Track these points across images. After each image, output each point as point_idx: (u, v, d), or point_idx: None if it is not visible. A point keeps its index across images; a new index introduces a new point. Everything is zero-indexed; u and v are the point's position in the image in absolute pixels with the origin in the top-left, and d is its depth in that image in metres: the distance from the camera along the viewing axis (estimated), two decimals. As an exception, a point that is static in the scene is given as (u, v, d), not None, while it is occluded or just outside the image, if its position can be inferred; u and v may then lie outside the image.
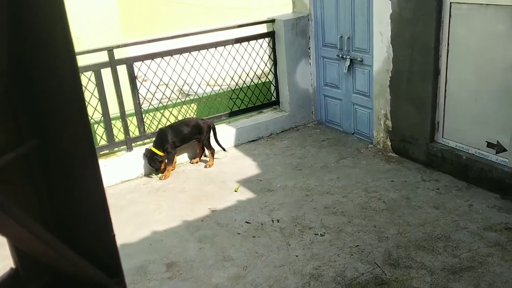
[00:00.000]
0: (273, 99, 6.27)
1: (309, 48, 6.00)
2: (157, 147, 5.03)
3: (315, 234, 3.87)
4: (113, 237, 0.64)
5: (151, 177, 5.17)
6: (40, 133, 0.56)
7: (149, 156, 5.05)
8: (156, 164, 5.05)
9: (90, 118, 5.05)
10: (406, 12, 4.55)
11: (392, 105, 5.00)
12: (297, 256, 3.61)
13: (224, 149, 5.45)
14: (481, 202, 4.09)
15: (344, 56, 5.51)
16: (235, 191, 4.69)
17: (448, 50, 4.32)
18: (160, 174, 5.14)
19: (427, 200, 4.22)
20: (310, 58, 6.04)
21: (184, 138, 5.18)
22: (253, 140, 5.86)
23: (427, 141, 4.73)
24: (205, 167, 5.26)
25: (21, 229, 0.48)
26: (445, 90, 4.47)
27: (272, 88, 6.27)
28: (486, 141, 4.22)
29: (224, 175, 5.06)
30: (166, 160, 5.11)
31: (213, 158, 5.30)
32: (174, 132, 5.12)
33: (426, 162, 4.78)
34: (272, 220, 4.12)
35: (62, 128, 0.57)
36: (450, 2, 4.17)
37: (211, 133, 5.31)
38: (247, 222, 4.13)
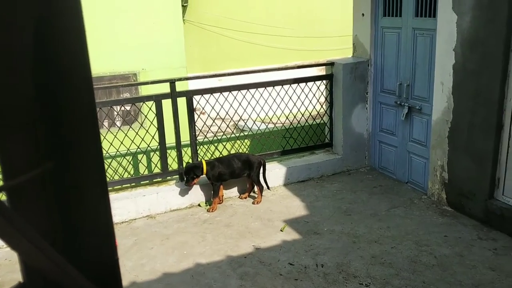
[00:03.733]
0: (326, 141, 6.25)
1: (367, 93, 5.97)
2: (207, 166, 5.07)
3: (360, 284, 3.73)
4: (116, 260, 0.68)
5: (199, 208, 5.22)
6: (56, 157, 0.60)
7: (194, 165, 5.06)
8: (190, 174, 4.99)
9: (147, 146, 5.23)
10: (470, 64, 4.45)
11: (450, 156, 4.84)
12: (339, 304, 3.49)
13: (268, 187, 5.43)
14: (543, 268, 3.81)
15: (403, 104, 5.44)
16: (281, 230, 4.65)
17: (513, 104, 4.17)
18: (208, 206, 5.19)
19: (483, 260, 3.99)
20: (367, 103, 6.00)
21: (233, 172, 5.22)
22: (303, 181, 5.83)
23: (486, 198, 4.51)
24: (253, 203, 5.27)
25: (31, 246, 0.52)
26: (508, 146, 4.28)
27: (326, 130, 6.26)
28: (551, 203, 3.97)
29: (271, 213, 5.04)
30: (212, 191, 5.16)
31: (261, 195, 5.30)
32: (224, 165, 5.17)
33: (484, 219, 4.55)
34: (316, 265, 4.03)
35: (77, 155, 0.62)
36: (518, 56, 4.05)
37: (261, 170, 5.34)
38: (290, 264, 4.06)
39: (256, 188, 5.35)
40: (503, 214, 4.35)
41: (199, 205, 5.29)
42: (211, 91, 5.38)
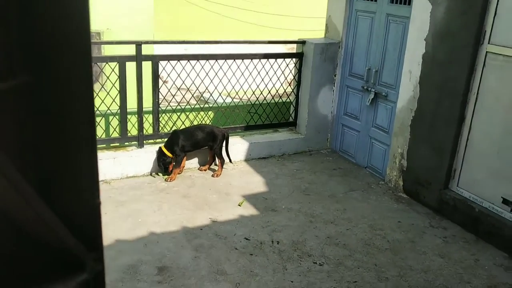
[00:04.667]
0: (290, 119, 6.22)
1: (335, 75, 5.96)
2: (167, 148, 4.98)
3: (314, 263, 3.76)
4: (98, 204, 0.54)
5: (157, 177, 5.10)
6: (35, 69, 0.48)
7: (158, 155, 5.00)
8: (162, 164, 4.99)
9: (107, 108, 5.03)
10: (439, 54, 4.49)
11: (410, 145, 4.91)
12: (292, 282, 3.50)
13: (230, 161, 5.37)
14: (488, 259, 3.96)
15: (369, 89, 5.46)
16: (239, 205, 4.61)
17: (476, 98, 4.24)
18: (166, 176, 5.07)
19: (433, 247, 4.10)
20: (334, 85, 6.00)
21: (197, 143, 5.12)
22: (264, 158, 5.79)
23: (441, 187, 4.62)
24: (213, 176, 5.19)
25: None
26: (467, 139, 4.38)
27: (291, 109, 6.22)
28: (502, 197, 4.10)
29: (230, 187, 4.98)
30: (174, 163, 5.05)
31: (222, 168, 5.23)
32: (187, 136, 5.07)
33: (437, 208, 4.67)
34: (272, 241, 4.02)
35: (62, 69, 0.49)
36: (486, 51, 4.11)
37: (224, 143, 5.25)
38: (246, 239, 4.03)
39: (217, 161, 5.27)
40: (456, 205, 4.47)
41: (157, 174, 5.16)
42: (178, 57, 5.21)
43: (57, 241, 0.48)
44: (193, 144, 5.09)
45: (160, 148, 5.04)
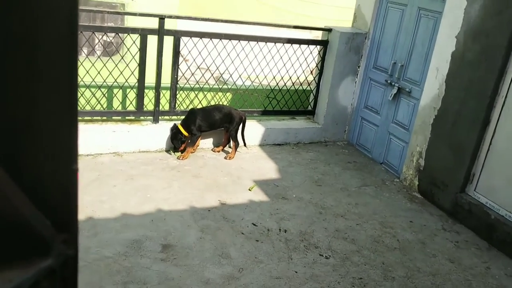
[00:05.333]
0: (309, 108, 6.11)
1: (359, 67, 5.81)
2: (183, 126, 4.92)
3: (320, 255, 3.69)
4: (74, 172, 0.42)
5: (170, 154, 5.05)
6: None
7: (174, 133, 4.95)
8: (177, 143, 4.95)
9: (125, 81, 4.97)
10: (469, 54, 4.33)
11: (430, 144, 4.78)
12: (296, 272, 3.44)
13: (245, 145, 5.29)
14: (500, 268, 3.85)
15: (393, 83, 5.31)
16: (249, 190, 4.55)
17: (504, 102, 4.09)
18: (179, 154, 5.02)
19: (443, 250, 4.00)
20: (357, 77, 5.86)
21: (213, 124, 5.05)
22: (279, 144, 5.71)
23: (457, 191, 4.49)
24: (225, 158, 5.13)
25: None
26: (490, 143, 4.23)
27: (311, 97, 6.10)
28: (520, 206, 3.97)
29: (242, 171, 4.92)
30: (189, 141, 5.00)
31: (235, 151, 5.16)
32: (204, 115, 5.00)
33: (451, 211, 4.55)
34: (280, 229, 3.96)
35: None
36: (520, 54, 3.94)
37: (240, 126, 5.18)
38: (254, 224, 3.97)
39: (231, 144, 5.20)
40: (471, 209, 4.35)
41: (169, 151, 5.11)
42: (201, 35, 5.11)
43: (14, 215, 0.39)
44: (210, 124, 5.03)
45: (174, 125, 4.99)
